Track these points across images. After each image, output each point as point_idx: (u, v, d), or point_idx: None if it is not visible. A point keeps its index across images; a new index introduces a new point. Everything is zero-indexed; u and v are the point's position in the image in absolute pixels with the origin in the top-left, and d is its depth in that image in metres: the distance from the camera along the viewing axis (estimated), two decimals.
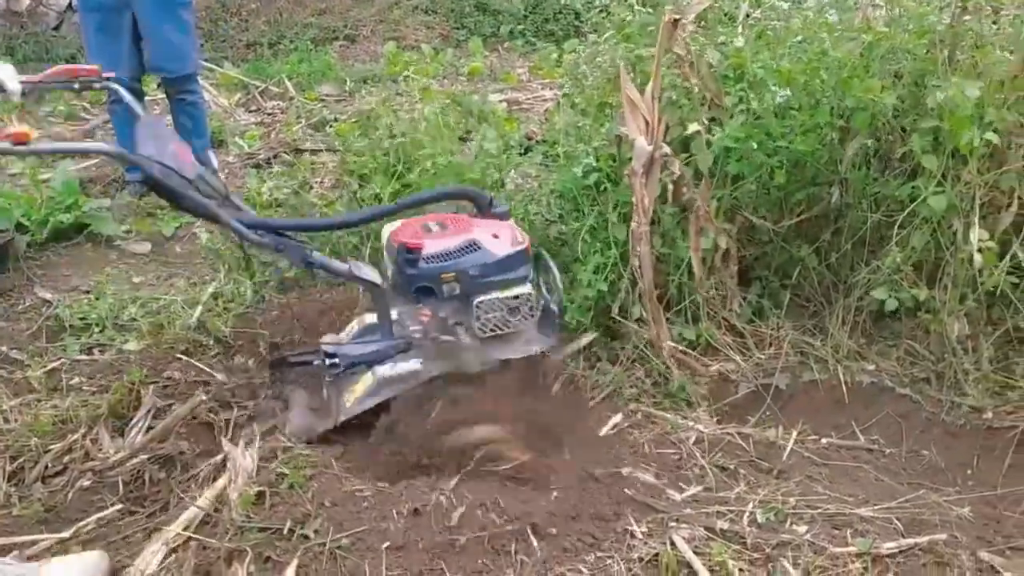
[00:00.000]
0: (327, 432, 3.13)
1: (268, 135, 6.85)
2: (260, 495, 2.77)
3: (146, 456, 3.02)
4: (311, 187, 5.80)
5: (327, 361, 3.18)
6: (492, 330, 3.19)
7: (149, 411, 3.24)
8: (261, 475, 2.87)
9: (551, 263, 3.33)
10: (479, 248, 3.15)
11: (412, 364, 3.11)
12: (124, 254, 4.90)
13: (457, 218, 3.32)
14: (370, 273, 3.20)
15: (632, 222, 3.29)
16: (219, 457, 3.00)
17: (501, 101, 7.56)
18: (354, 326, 3.43)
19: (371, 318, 3.36)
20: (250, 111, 7.75)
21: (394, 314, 3.24)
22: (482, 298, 3.14)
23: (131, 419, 3.28)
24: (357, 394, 3.11)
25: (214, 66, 8.52)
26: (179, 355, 3.66)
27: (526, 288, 3.19)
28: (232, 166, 6.26)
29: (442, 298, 3.16)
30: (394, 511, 2.65)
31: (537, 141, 6.16)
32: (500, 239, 3.19)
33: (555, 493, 2.80)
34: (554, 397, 3.48)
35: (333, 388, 3.20)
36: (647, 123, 3.02)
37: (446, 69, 8.96)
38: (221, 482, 2.85)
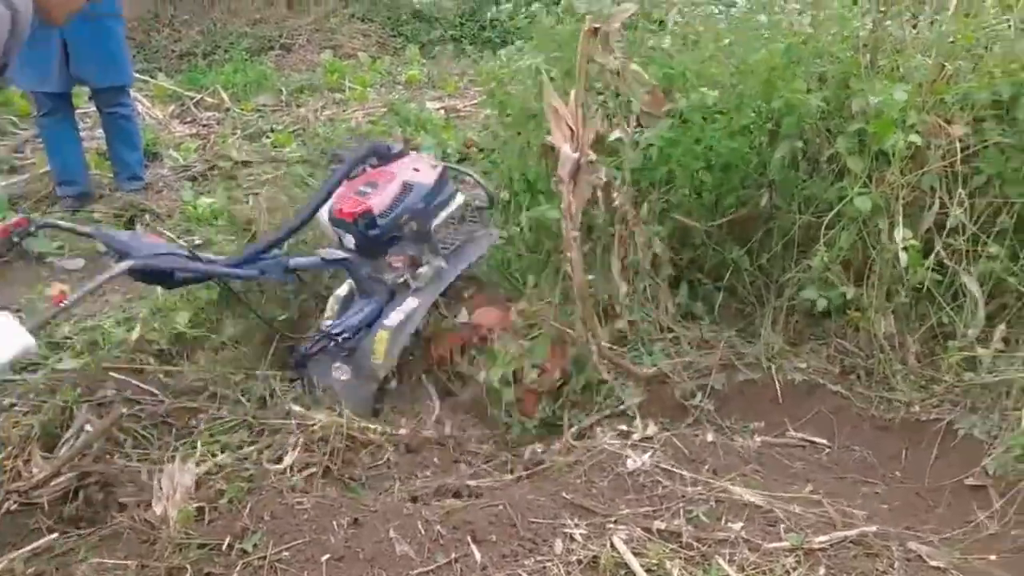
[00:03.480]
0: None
1: (204, 147, 6.77)
2: (199, 511, 2.75)
3: (75, 474, 2.97)
4: (248, 199, 5.78)
5: (340, 338, 3.42)
6: (451, 244, 3.66)
7: (80, 429, 3.18)
8: (200, 491, 2.85)
9: (459, 168, 3.94)
10: (413, 184, 3.52)
11: (410, 302, 3.48)
12: (57, 271, 4.81)
13: (379, 171, 3.60)
14: (337, 253, 3.50)
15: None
16: (157, 474, 2.97)
17: (439, 109, 7.58)
18: (333, 304, 3.67)
19: (342, 290, 3.69)
20: (185, 122, 7.66)
21: (365, 272, 3.57)
22: (435, 223, 3.56)
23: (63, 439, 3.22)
24: (382, 349, 3.41)
25: (147, 77, 8.41)
26: (115, 372, 3.60)
27: (461, 198, 3.69)
28: (167, 179, 6.18)
29: (405, 239, 3.51)
30: (334, 522, 2.65)
31: (477, 149, 6.20)
32: (421, 170, 3.59)
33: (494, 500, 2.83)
34: None
35: (351, 361, 3.47)
36: (572, 131, 3.06)
37: (383, 77, 8.95)
38: (159, 499, 2.82)
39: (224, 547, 2.59)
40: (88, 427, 3.17)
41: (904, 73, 3.34)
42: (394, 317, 3.45)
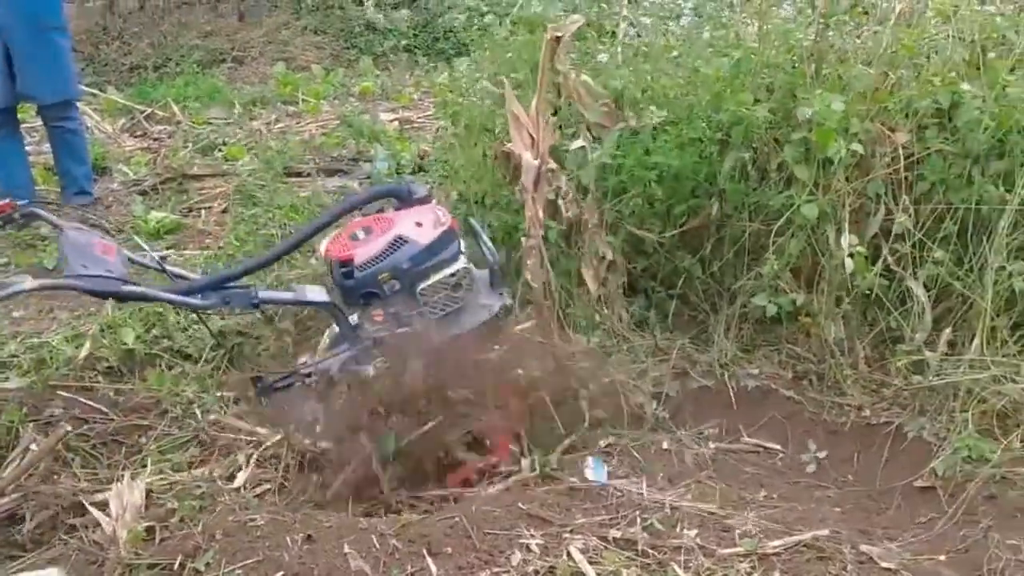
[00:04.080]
0: None
1: (154, 161, 6.69)
2: (149, 530, 2.71)
3: (21, 495, 2.91)
4: (200, 212, 5.73)
5: (308, 381, 3.28)
6: (443, 310, 3.34)
7: (26, 449, 3.12)
8: (150, 510, 2.81)
9: (477, 227, 3.51)
10: (406, 241, 3.28)
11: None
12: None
13: (381, 218, 3.42)
14: (317, 294, 3.34)
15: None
16: (106, 493, 2.92)
17: (392, 120, 7.57)
18: (325, 339, 3.48)
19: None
20: (135, 136, 7.57)
21: (355, 318, 3.33)
22: (423, 285, 3.30)
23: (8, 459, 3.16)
24: None
25: (96, 91, 8.29)
26: (63, 390, 3.54)
27: (460, 263, 3.35)
28: (117, 193, 6.09)
29: (386, 297, 3.29)
30: (288, 539, 2.62)
31: (430, 160, 6.20)
32: (424, 226, 3.32)
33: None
34: None
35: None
36: (532, 139, 3.08)
37: (337, 89, 8.92)
38: (108, 519, 2.77)
39: (176, 567, 2.55)
40: (34, 446, 3.11)
41: (847, 82, 3.39)
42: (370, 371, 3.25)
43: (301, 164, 6.41)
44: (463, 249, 3.39)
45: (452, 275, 3.33)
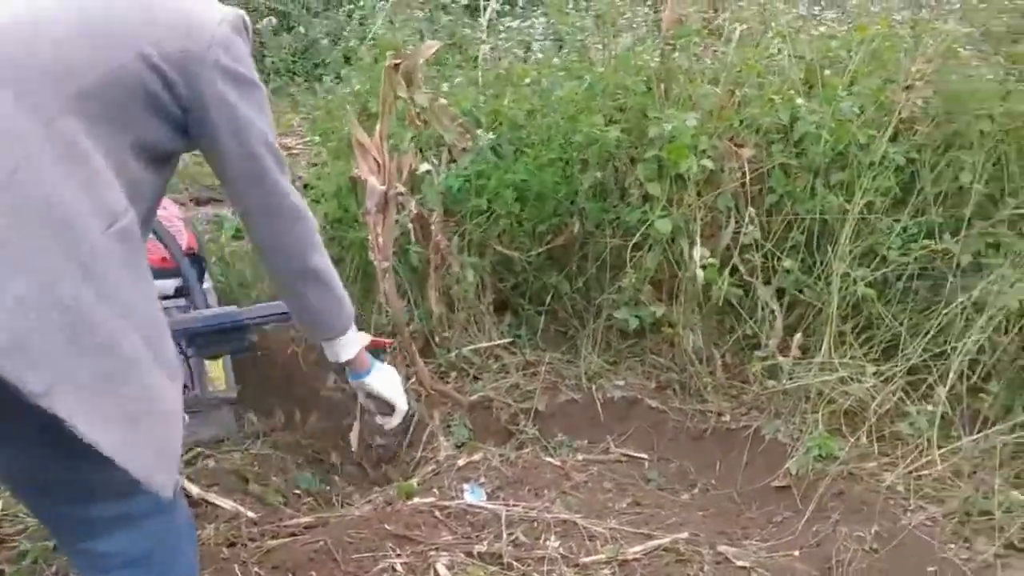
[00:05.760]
0: None
1: None
2: None
3: None
4: None
5: None
6: None
7: None
8: (1, 554, 2.73)
9: None
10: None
11: None
12: None
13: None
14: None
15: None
16: None
17: None
18: None
19: None
20: None
21: None
22: None
23: None
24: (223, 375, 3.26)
25: None
26: None
27: None
28: None
29: None
30: None
31: (305, 185, 6.16)
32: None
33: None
34: None
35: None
36: (379, 164, 3.12)
37: None
38: None
39: None
40: None
41: (696, 101, 3.54)
42: None
43: (175, 193, 6.27)
44: None
45: None
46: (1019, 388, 3.23)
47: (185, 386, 3.16)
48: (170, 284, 3.23)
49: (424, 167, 3.39)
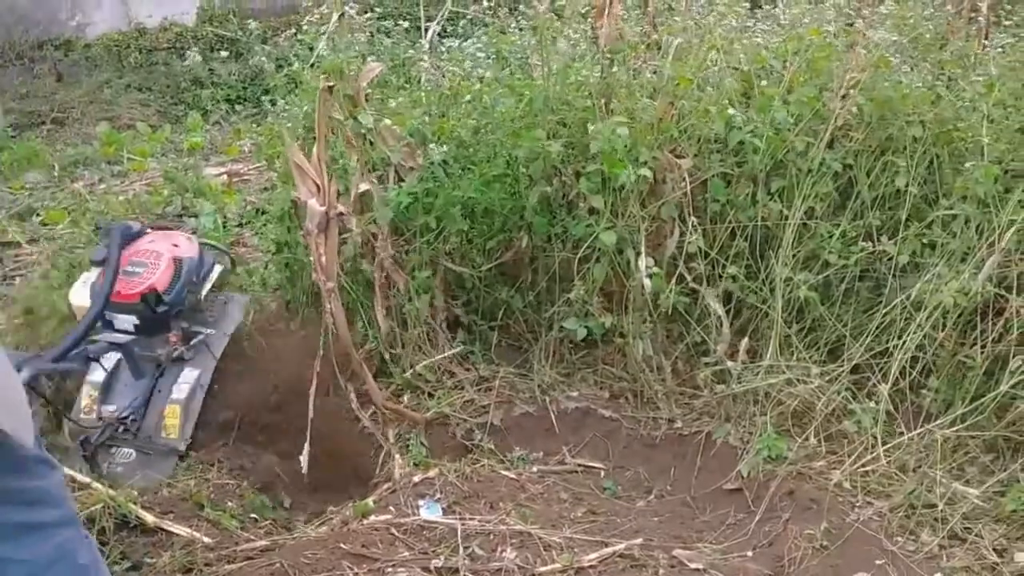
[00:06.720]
0: None
1: None
2: None
3: None
4: (14, 280, 5.52)
5: (128, 421, 3.33)
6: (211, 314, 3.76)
7: None
8: None
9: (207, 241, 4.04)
10: (183, 259, 3.52)
11: (189, 373, 3.46)
12: None
13: (134, 253, 3.47)
14: (119, 336, 3.39)
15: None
16: None
17: (221, 174, 7.47)
18: (91, 391, 3.46)
19: (97, 376, 3.46)
20: None
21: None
22: (204, 293, 3.68)
23: None
24: (176, 423, 3.37)
25: None
26: None
27: (219, 267, 3.86)
28: None
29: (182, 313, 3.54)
30: None
31: (257, 211, 6.16)
32: (181, 245, 3.57)
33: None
34: None
35: (134, 443, 3.36)
36: (318, 186, 3.15)
37: (165, 146, 8.75)
38: None
39: None
40: None
41: (635, 114, 3.60)
42: (182, 390, 3.39)
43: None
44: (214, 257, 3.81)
45: (218, 278, 3.73)
46: (958, 383, 3.31)
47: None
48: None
49: (363, 187, 3.41)
